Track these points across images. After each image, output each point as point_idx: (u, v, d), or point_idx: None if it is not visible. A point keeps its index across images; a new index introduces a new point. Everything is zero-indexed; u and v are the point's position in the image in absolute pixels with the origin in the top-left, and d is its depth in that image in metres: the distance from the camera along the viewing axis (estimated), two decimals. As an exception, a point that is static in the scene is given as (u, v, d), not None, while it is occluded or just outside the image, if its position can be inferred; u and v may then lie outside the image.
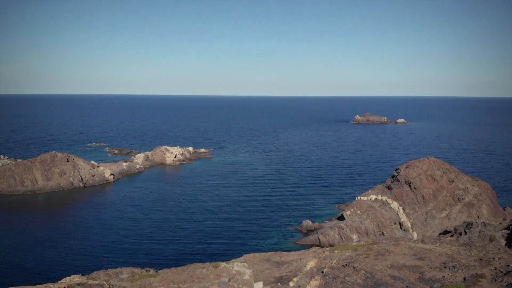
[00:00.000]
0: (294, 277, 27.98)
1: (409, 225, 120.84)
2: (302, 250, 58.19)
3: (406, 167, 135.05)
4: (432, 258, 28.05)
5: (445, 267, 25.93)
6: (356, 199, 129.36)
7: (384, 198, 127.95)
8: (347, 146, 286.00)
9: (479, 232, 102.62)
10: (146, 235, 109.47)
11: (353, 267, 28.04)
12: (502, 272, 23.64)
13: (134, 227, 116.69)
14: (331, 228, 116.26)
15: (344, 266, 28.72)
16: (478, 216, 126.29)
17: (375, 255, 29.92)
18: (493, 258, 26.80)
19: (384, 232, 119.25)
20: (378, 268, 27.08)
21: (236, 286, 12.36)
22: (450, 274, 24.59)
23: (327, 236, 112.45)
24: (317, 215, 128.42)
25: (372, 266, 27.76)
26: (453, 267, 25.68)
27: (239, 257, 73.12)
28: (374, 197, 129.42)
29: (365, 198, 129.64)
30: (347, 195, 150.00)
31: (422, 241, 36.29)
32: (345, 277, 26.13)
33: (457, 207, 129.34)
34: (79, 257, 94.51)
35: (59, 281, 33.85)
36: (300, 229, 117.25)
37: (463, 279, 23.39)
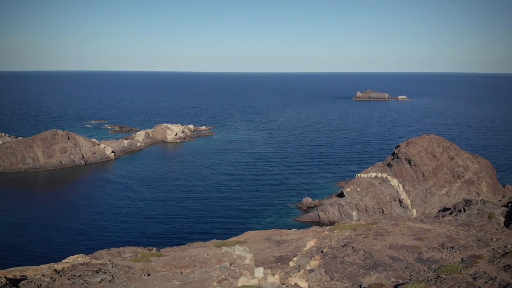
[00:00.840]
0: (294, 256, 28.33)
1: (409, 202, 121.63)
2: (302, 228, 58.71)
3: (407, 145, 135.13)
4: (431, 238, 28.34)
5: (443, 248, 26.22)
6: (356, 176, 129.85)
7: (384, 175, 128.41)
8: (348, 123, 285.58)
9: (478, 210, 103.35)
10: (147, 214, 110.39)
11: (352, 247, 28.35)
12: (499, 253, 23.93)
13: (136, 205, 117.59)
14: (331, 205, 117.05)
15: (343, 246, 29.04)
16: (478, 193, 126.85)
17: (374, 235, 30.22)
18: (491, 239, 27.08)
19: (384, 209, 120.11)
20: (377, 248, 27.38)
21: (237, 270, 12.54)
22: (448, 254, 24.88)
23: (327, 213, 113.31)
24: (317, 193, 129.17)
25: (371, 246, 28.06)
26: (451, 247, 25.96)
27: (240, 234, 73.95)
28: (374, 174, 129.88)
29: (365, 175, 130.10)
30: (348, 172, 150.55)
31: (421, 220, 36.60)
32: (344, 257, 26.44)
33: (457, 184, 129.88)
34: (81, 236, 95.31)
35: (63, 261, 34.32)
36: (300, 206, 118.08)
37: (461, 260, 23.67)
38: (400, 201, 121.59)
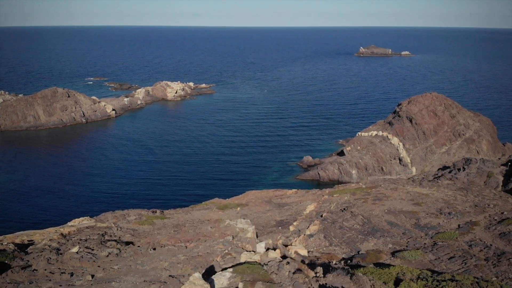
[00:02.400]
0: (294, 221, 28.99)
1: (408, 160, 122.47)
2: (302, 189, 59.52)
3: (408, 103, 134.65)
4: (429, 203, 28.87)
5: (440, 213, 26.77)
6: (357, 135, 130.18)
7: (385, 133, 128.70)
8: (351, 80, 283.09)
9: (478, 169, 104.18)
10: (149, 174, 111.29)
11: (351, 212, 28.93)
12: (496, 220, 24.49)
13: (137, 165, 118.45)
14: (331, 163, 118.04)
15: (342, 211, 29.65)
16: (478, 152, 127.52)
17: (373, 200, 30.78)
18: (488, 205, 27.61)
19: (383, 168, 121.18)
20: (375, 214, 27.95)
21: (239, 244, 12.95)
22: (445, 221, 25.45)
23: (327, 171, 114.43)
24: (318, 151, 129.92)
25: (369, 211, 28.63)
26: (449, 213, 26.50)
27: (241, 193, 75.06)
28: (374, 132, 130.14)
29: (366, 134, 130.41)
30: (348, 130, 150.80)
31: (420, 184, 37.11)
32: (343, 222, 27.05)
33: (457, 143, 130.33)
34: (85, 199, 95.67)
35: (68, 224, 35.10)
36: (301, 164, 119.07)
37: (457, 227, 24.24)
38: (400, 160, 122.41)
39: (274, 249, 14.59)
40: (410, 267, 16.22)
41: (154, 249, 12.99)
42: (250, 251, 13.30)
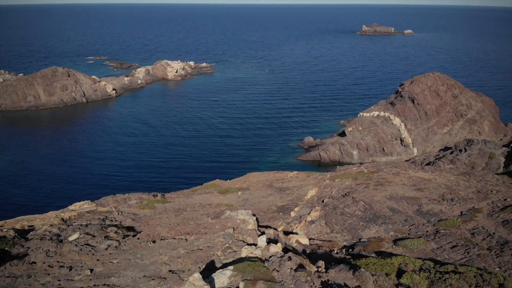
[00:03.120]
0: (295, 206, 28.86)
1: (410, 141, 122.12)
2: (303, 172, 59.36)
3: (411, 83, 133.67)
4: (431, 189, 28.67)
5: (443, 200, 26.58)
6: (359, 115, 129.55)
7: (387, 114, 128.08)
8: (353, 59, 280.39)
9: (479, 150, 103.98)
10: (150, 155, 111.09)
11: (353, 197, 28.76)
12: (499, 207, 24.28)
13: (138, 146, 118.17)
14: (332, 144, 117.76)
15: (343, 196, 29.47)
16: (479, 132, 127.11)
17: (374, 185, 30.57)
18: (491, 191, 27.40)
19: (385, 148, 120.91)
20: (377, 199, 27.78)
21: (240, 237, 12.77)
22: (447, 207, 25.28)
23: (327, 152, 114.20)
24: (319, 132, 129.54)
25: (371, 197, 28.46)
26: (451, 200, 26.32)
27: (242, 175, 74.88)
28: (376, 113, 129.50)
29: (368, 114, 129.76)
30: (350, 111, 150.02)
31: (422, 169, 36.85)
32: (345, 208, 26.89)
33: (459, 123, 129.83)
34: (85, 181, 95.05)
35: (69, 207, 35.09)
36: (302, 145, 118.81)
37: (460, 213, 24.08)
38: (401, 140, 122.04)
39: (276, 241, 14.42)
40: (413, 258, 16.08)
41: (154, 241, 12.82)
42: (251, 244, 13.13)
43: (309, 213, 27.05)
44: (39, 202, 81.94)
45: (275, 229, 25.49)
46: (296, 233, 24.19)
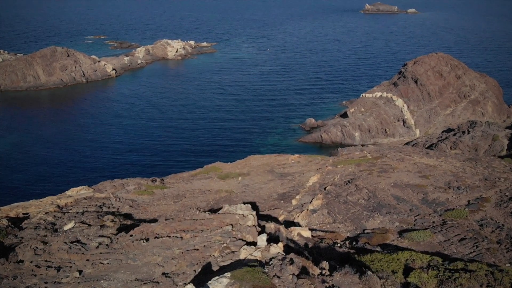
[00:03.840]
0: (296, 194, 28.17)
1: (412, 122, 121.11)
2: (305, 155, 58.62)
3: (414, 63, 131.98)
4: (437, 176, 27.90)
5: (449, 188, 25.82)
6: (361, 96, 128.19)
7: (389, 95, 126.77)
8: (356, 39, 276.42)
9: (482, 132, 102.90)
10: (150, 136, 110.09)
11: (356, 185, 28.00)
12: (507, 196, 23.55)
13: (138, 127, 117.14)
14: (333, 125, 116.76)
15: (346, 184, 28.73)
16: (483, 114, 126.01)
17: (378, 172, 29.81)
18: (499, 179, 26.63)
19: (387, 130, 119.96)
20: (381, 187, 27.04)
21: (239, 235, 12.05)
22: (454, 196, 24.55)
23: (329, 134, 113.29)
24: (321, 113, 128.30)
25: (375, 184, 27.71)
26: (458, 188, 25.55)
27: (242, 157, 74.17)
28: (379, 94, 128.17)
29: (370, 95, 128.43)
30: (353, 92, 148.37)
31: (427, 153, 36.01)
32: (347, 196, 26.17)
33: (462, 104, 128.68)
34: (83, 164, 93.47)
35: (66, 193, 34.44)
36: (303, 127, 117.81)
37: (467, 203, 23.36)
38: (404, 121, 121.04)
39: (277, 238, 13.72)
40: (420, 253, 15.37)
41: (147, 240, 12.09)
42: (250, 243, 12.39)
43: (311, 201, 26.35)
44: (36, 187, 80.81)
45: (276, 219, 24.81)
46: (298, 223, 23.53)
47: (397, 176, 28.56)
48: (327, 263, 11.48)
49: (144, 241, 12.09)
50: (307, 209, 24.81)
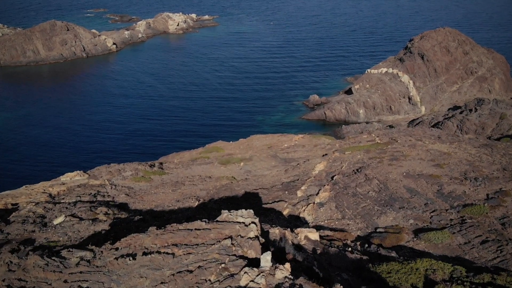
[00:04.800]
0: (302, 184, 26.60)
1: (418, 99, 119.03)
2: (308, 135, 56.91)
3: (421, 38, 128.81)
4: (452, 165, 26.22)
5: (466, 179, 24.18)
6: (366, 72, 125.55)
7: (395, 71, 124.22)
8: (363, 13, 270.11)
9: (490, 110, 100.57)
10: (150, 114, 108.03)
11: (365, 174, 26.36)
12: (529, 190, 21.93)
13: (138, 104, 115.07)
14: (338, 102, 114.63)
15: (355, 173, 27.09)
16: (490, 91, 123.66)
17: (389, 160, 28.10)
18: (518, 169, 24.96)
19: (392, 107, 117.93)
20: (393, 177, 25.40)
21: (239, 251, 10.52)
22: (471, 188, 22.93)
23: (333, 111, 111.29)
24: (325, 89, 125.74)
25: (385, 174, 26.06)
26: (475, 179, 23.90)
27: (245, 135, 72.52)
28: (384, 70, 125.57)
29: (375, 71, 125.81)
30: (358, 67, 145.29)
31: (439, 138, 34.19)
32: (357, 188, 24.56)
33: (469, 81, 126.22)
34: (82, 145, 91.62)
35: (60, 178, 32.97)
36: (307, 103, 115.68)
37: (486, 197, 21.77)
38: (409, 98, 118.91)
39: (282, 251, 12.17)
40: (441, 262, 13.80)
41: (134, 257, 10.56)
42: (252, 260, 10.83)
43: (318, 193, 24.78)
44: (31, 169, 78.33)
45: (280, 213, 23.29)
46: (304, 219, 22.05)
47: (409, 164, 26.90)
48: (341, 286, 9.96)
49: (131, 258, 10.57)
50: (314, 203, 23.28)
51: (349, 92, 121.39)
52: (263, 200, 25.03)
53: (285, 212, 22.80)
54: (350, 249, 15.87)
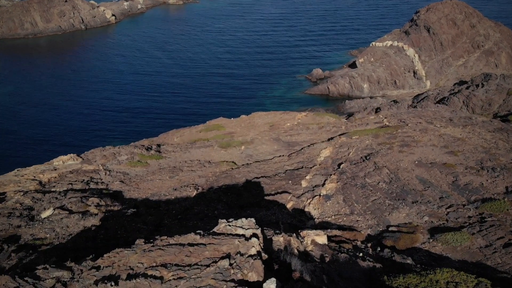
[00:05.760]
0: (307, 173, 25.07)
1: (423, 74, 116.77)
2: (312, 113, 55.09)
3: (427, 10, 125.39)
4: (466, 153, 24.61)
5: (482, 169, 22.61)
6: (371, 45, 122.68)
7: (400, 44, 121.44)
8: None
9: (497, 85, 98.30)
10: (149, 89, 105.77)
11: (375, 162, 24.77)
12: (553, 183, 20.37)
13: (137, 79, 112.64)
14: (341, 77, 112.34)
15: (363, 160, 25.50)
16: (496, 65, 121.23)
17: (399, 146, 26.47)
18: (539, 158, 23.35)
19: (397, 81, 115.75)
20: (404, 166, 23.83)
21: (239, 274, 9.08)
22: (489, 180, 21.38)
23: (337, 85, 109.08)
24: (328, 63, 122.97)
25: (396, 162, 24.47)
26: (492, 169, 22.33)
27: (246, 112, 70.61)
28: (389, 43, 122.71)
29: (380, 44, 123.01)
30: (362, 40, 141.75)
31: (450, 120, 32.43)
32: (366, 179, 23.02)
33: (475, 55, 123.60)
34: (78, 122, 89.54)
35: (53, 162, 31.46)
36: (310, 77, 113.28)
37: (505, 190, 20.25)
38: (415, 72, 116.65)
39: (288, 267, 10.71)
40: (463, 274, 12.37)
41: (117, 282, 9.13)
42: (253, 284, 9.37)
43: (323, 183, 23.27)
44: (25, 152, 76.01)
45: (284, 206, 21.83)
46: (309, 213, 20.59)
47: (421, 151, 25.30)
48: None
49: (113, 283, 9.14)
50: (320, 195, 21.81)
51: (353, 65, 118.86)
52: (265, 190, 23.57)
53: (289, 205, 21.35)
54: (361, 254, 14.43)
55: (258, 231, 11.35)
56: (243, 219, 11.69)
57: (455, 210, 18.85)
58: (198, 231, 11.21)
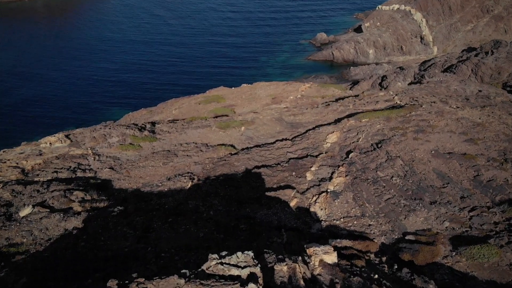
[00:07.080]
0: (312, 163, 23.01)
1: (431, 39, 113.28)
2: (316, 85, 52.70)
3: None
4: (487, 141, 22.47)
5: (506, 161, 20.53)
6: (377, 8, 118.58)
7: (408, 8, 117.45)
8: None
9: (507, 53, 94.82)
10: (146, 56, 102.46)
11: (387, 151, 22.66)
12: None
13: (135, 47, 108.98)
14: (346, 42, 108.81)
15: (374, 149, 23.39)
16: (506, 31, 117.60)
17: (413, 132, 24.27)
18: None
19: (403, 47, 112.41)
20: (419, 156, 21.74)
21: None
22: (515, 176, 19.36)
23: (341, 51, 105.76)
24: (333, 27, 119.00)
25: (411, 152, 22.35)
26: (517, 162, 20.28)
27: (248, 80, 68.02)
28: (396, 6, 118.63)
29: (387, 7, 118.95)
30: (368, 3, 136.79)
31: (467, 99, 30.01)
32: (377, 172, 20.96)
33: (484, 20, 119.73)
34: (70, 95, 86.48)
35: (40, 143, 29.41)
36: (314, 42, 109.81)
37: (534, 190, 18.27)
38: (422, 38, 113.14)
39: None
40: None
41: None
42: None
43: (331, 176, 21.25)
44: (15, 129, 73.08)
45: (286, 204, 19.85)
46: (315, 214, 18.64)
47: (437, 139, 23.14)
48: None
49: None
50: (327, 191, 19.85)
51: (358, 30, 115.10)
52: (266, 183, 21.61)
53: (292, 204, 19.41)
54: (376, 276, 12.54)
55: (257, 270, 9.42)
56: (239, 253, 9.76)
57: (479, 214, 16.92)
58: (183, 271, 9.26)
